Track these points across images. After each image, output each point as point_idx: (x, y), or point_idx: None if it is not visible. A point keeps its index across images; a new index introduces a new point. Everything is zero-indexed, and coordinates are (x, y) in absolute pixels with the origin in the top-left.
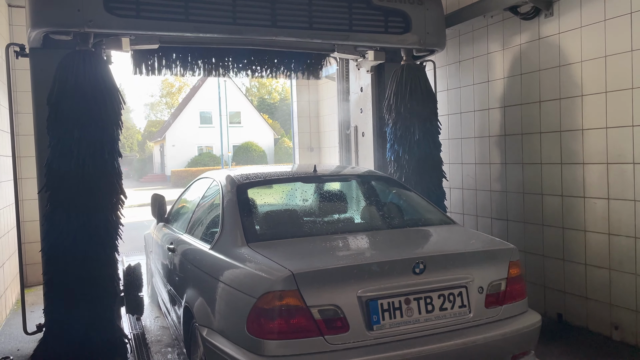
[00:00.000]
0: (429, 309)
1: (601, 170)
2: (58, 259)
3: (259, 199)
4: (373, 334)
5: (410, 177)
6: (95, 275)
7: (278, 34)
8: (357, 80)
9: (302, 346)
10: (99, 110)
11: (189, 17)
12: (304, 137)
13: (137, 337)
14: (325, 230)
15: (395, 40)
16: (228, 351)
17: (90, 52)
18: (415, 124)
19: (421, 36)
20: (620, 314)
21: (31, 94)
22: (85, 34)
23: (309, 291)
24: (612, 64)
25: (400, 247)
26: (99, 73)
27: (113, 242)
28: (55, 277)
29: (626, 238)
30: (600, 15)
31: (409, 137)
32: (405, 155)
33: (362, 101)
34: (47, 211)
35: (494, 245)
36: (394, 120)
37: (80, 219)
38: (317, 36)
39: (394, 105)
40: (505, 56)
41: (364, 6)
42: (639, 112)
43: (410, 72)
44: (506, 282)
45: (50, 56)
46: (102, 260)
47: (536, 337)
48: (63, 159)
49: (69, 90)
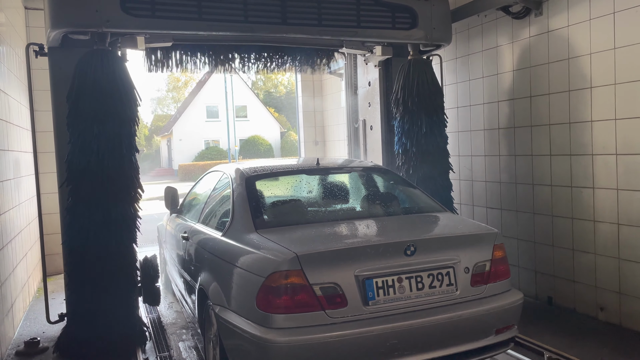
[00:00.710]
0: (419, 286)
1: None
2: (79, 251)
3: (266, 190)
4: (369, 308)
5: (418, 169)
6: (115, 266)
7: (288, 31)
8: (365, 75)
9: (305, 319)
10: (116, 107)
11: (202, 16)
12: (309, 131)
13: (153, 321)
14: (327, 218)
15: (402, 35)
16: (240, 325)
17: (107, 51)
18: (422, 118)
19: (428, 31)
20: (605, 295)
21: (50, 92)
22: (102, 33)
23: (311, 271)
24: (599, 59)
25: (393, 231)
26: (116, 71)
27: (132, 234)
28: (76, 268)
29: (610, 225)
30: (586, 14)
31: (416, 130)
32: (412, 148)
33: (370, 95)
34: (69, 205)
35: (478, 230)
36: (401, 113)
37: (100, 212)
38: (326, 33)
39: (401, 99)
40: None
41: (371, 3)
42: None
43: (417, 67)
44: (490, 263)
45: (68, 55)
46: (122, 251)
47: (518, 313)
48: (83, 154)
49: (87, 88)
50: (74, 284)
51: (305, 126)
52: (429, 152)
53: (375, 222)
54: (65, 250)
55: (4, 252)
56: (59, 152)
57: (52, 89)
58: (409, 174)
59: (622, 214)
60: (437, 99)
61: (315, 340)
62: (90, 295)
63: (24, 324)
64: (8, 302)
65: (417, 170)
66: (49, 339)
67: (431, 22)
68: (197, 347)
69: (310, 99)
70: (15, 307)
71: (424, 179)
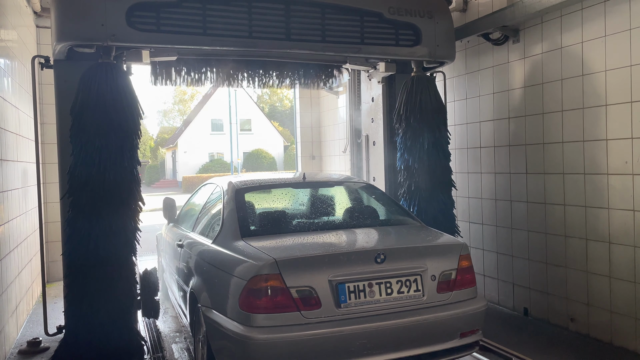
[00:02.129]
0: (389, 292)
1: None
2: (79, 263)
3: (254, 201)
4: (341, 310)
5: (420, 185)
6: (115, 279)
7: (292, 47)
8: (368, 91)
9: (283, 319)
10: (119, 120)
11: (207, 31)
12: (306, 146)
13: (148, 324)
14: (308, 228)
15: (405, 52)
16: (225, 324)
17: (112, 65)
18: (425, 134)
19: (431, 48)
20: (575, 307)
21: (55, 104)
22: (108, 47)
23: (289, 275)
24: (569, 84)
25: (366, 241)
26: (120, 84)
27: (131, 246)
28: (75, 280)
29: (578, 240)
30: (557, 42)
31: (418, 147)
32: (414, 164)
33: (373, 111)
34: (69, 216)
35: (445, 241)
36: (404, 130)
37: (101, 224)
38: (330, 49)
39: (404, 116)
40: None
41: (375, 20)
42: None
43: (420, 83)
44: (456, 272)
45: (73, 68)
46: (122, 264)
47: (482, 318)
48: (85, 166)
49: (91, 101)
50: (72, 296)
51: (302, 141)
52: (431, 169)
53: (351, 232)
54: (65, 262)
55: (11, 257)
56: (61, 164)
57: (56, 101)
58: (410, 190)
59: (589, 229)
60: (440, 115)
61: (291, 338)
62: (89, 308)
63: (27, 325)
64: (13, 304)
65: (419, 186)
66: (50, 339)
67: (435, 39)
68: (189, 348)
69: (308, 115)
70: (20, 310)
71: (426, 195)
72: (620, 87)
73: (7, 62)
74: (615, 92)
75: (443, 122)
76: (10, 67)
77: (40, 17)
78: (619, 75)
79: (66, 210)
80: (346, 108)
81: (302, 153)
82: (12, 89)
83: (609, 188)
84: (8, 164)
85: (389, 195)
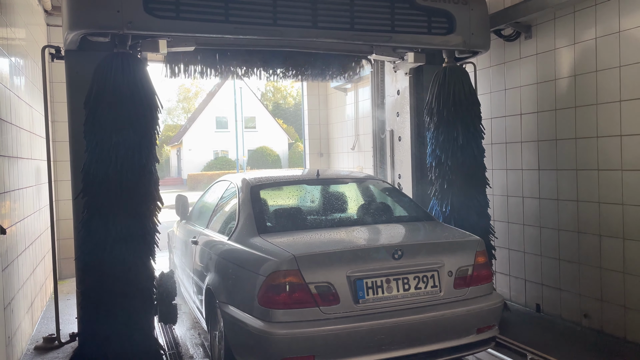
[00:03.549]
0: (406, 287)
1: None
2: (94, 268)
3: (270, 198)
4: (359, 306)
5: (453, 183)
6: (132, 284)
7: (319, 36)
8: (393, 83)
9: (301, 314)
10: (137, 114)
11: (229, 18)
12: (314, 143)
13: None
14: (324, 224)
15: (438, 41)
16: (243, 320)
17: (128, 54)
18: (459, 128)
19: (466, 37)
20: (588, 303)
21: (66, 97)
22: (124, 35)
23: (308, 271)
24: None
25: (383, 237)
26: (138, 76)
27: (149, 249)
28: (90, 286)
29: (592, 235)
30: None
31: (451, 142)
32: (447, 160)
33: (399, 105)
34: (84, 218)
35: (462, 237)
36: (435, 124)
37: (118, 226)
38: (359, 37)
39: (435, 109)
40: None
41: (407, 6)
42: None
43: (454, 74)
44: (473, 268)
45: (86, 59)
46: (139, 269)
47: (498, 314)
48: (100, 164)
49: (107, 94)
50: (86, 303)
51: (310, 138)
52: (465, 166)
53: (368, 228)
54: (78, 266)
55: (26, 254)
56: (74, 162)
57: (68, 94)
58: (442, 189)
59: (603, 226)
60: (475, 108)
61: (309, 333)
62: (104, 316)
63: (41, 321)
64: (28, 300)
65: (452, 184)
66: (65, 335)
67: (469, 27)
68: (204, 344)
69: (315, 112)
70: (35, 306)
71: (459, 194)
72: (635, 82)
73: (19, 60)
74: (630, 88)
75: (477, 116)
76: (22, 65)
77: (51, 16)
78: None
79: (80, 211)
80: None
81: (310, 150)
82: (25, 87)
83: (622, 184)
84: (22, 162)
85: (401, 191)
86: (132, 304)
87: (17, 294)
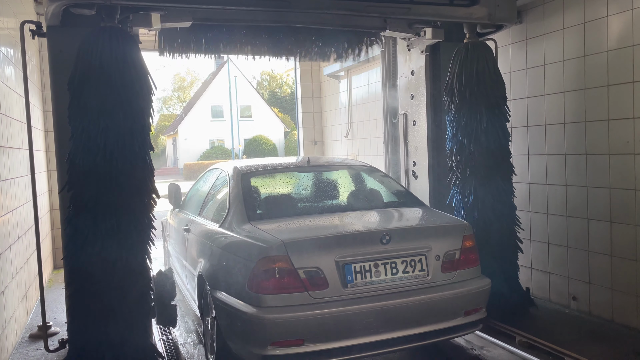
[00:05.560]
0: (394, 271)
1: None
2: (83, 269)
3: (260, 186)
4: (347, 290)
5: (477, 170)
6: (126, 287)
7: (330, 7)
8: (407, 63)
9: (291, 299)
10: (128, 96)
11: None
12: (308, 132)
13: None
14: (314, 211)
15: (461, 13)
16: (234, 305)
17: (117, 29)
18: (483, 110)
19: (491, 9)
20: (576, 286)
21: (50, 79)
22: (111, 7)
23: (296, 256)
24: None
25: (371, 222)
26: (128, 53)
27: (145, 248)
28: (79, 290)
29: (580, 220)
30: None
31: (475, 125)
32: (470, 145)
33: (414, 86)
34: (70, 214)
35: (449, 222)
36: (457, 106)
37: (108, 222)
38: (374, 9)
39: (457, 89)
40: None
41: None
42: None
43: (476, 51)
44: (460, 252)
45: (70, 35)
46: (133, 269)
47: (485, 297)
48: (87, 153)
49: (93, 73)
50: (76, 309)
51: (304, 126)
52: (490, 151)
53: (357, 214)
54: (66, 268)
55: (19, 244)
56: (59, 151)
57: (51, 76)
58: (465, 177)
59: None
60: (500, 89)
61: (299, 317)
62: (96, 322)
63: (36, 310)
64: (22, 289)
65: (476, 171)
66: (60, 323)
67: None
68: (197, 330)
69: (309, 100)
70: (29, 295)
71: (484, 182)
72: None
73: (9, 50)
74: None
75: (502, 97)
76: (12, 55)
77: (41, 5)
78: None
79: (66, 207)
80: (341, 94)
81: (304, 138)
82: (15, 77)
83: (610, 167)
84: (14, 152)
85: (392, 177)
86: (126, 309)
87: (10, 283)
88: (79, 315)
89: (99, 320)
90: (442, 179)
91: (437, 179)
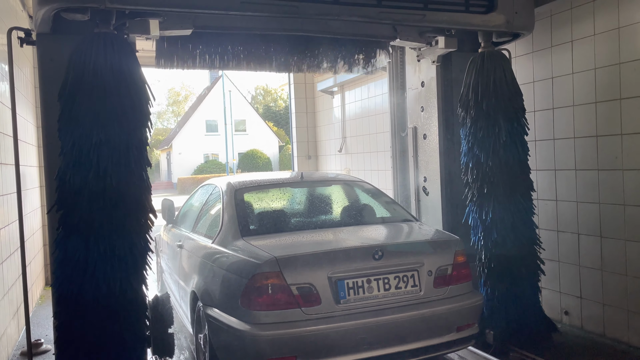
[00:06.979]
0: (387, 287)
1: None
2: (73, 297)
3: (253, 201)
4: (340, 306)
5: (495, 187)
6: (120, 315)
7: (340, 13)
8: (416, 74)
9: (284, 315)
10: (123, 107)
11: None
12: (302, 146)
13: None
14: (306, 226)
15: (478, 21)
16: (226, 322)
17: (112, 35)
18: (501, 123)
19: (509, 16)
20: (568, 300)
21: (39, 90)
22: (106, 12)
23: (289, 272)
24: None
25: (364, 238)
26: (124, 60)
27: (141, 273)
28: (68, 320)
29: (571, 234)
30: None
31: (493, 139)
32: (488, 160)
33: (424, 98)
34: (59, 236)
35: (441, 237)
36: (472, 118)
37: (101, 245)
38: (387, 16)
39: (473, 101)
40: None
41: None
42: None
43: (493, 61)
44: (452, 267)
45: (61, 42)
46: (129, 297)
47: (478, 312)
48: (79, 169)
49: (86, 83)
50: (65, 341)
51: (298, 141)
52: (509, 166)
53: (349, 230)
54: (54, 296)
55: (11, 260)
56: (48, 167)
57: (40, 86)
58: (482, 193)
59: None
60: (518, 100)
61: (292, 334)
62: (87, 354)
63: None
64: (14, 306)
65: (495, 188)
66: (51, 340)
67: (513, 4)
68: (190, 347)
69: (303, 115)
70: (20, 312)
71: (503, 199)
72: None
73: (3, 66)
74: None
75: (521, 108)
76: (6, 71)
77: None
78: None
79: (54, 228)
80: (335, 109)
81: (298, 153)
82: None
83: (599, 183)
84: (8, 168)
85: (384, 192)
86: (120, 337)
87: (2, 300)
88: (68, 348)
89: (89, 353)
90: (455, 196)
91: (450, 195)
